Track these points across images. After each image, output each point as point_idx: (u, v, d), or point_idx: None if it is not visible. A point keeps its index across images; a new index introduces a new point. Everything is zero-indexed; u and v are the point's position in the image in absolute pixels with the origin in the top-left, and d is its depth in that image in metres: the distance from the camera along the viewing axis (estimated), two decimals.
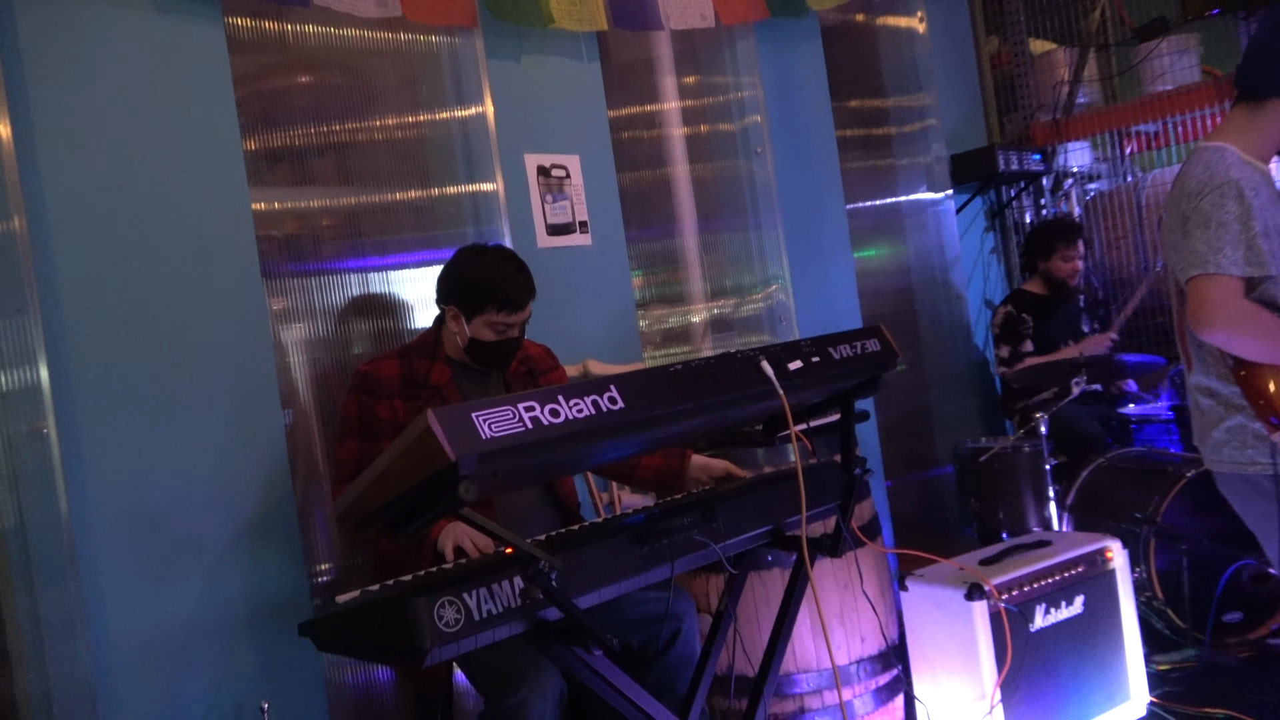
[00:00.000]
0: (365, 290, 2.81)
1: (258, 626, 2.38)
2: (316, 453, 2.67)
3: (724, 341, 3.75)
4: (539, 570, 1.53)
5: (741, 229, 3.82)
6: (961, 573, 2.62)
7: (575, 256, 3.16)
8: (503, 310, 2.23)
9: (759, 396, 1.87)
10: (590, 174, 3.22)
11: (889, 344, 2.12)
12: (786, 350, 1.92)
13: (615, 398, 1.61)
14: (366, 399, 2.25)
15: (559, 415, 1.53)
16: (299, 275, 2.70)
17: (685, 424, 1.80)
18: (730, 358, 1.84)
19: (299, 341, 2.67)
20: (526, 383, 2.42)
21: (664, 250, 3.65)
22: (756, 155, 3.78)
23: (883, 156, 4.65)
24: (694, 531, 1.89)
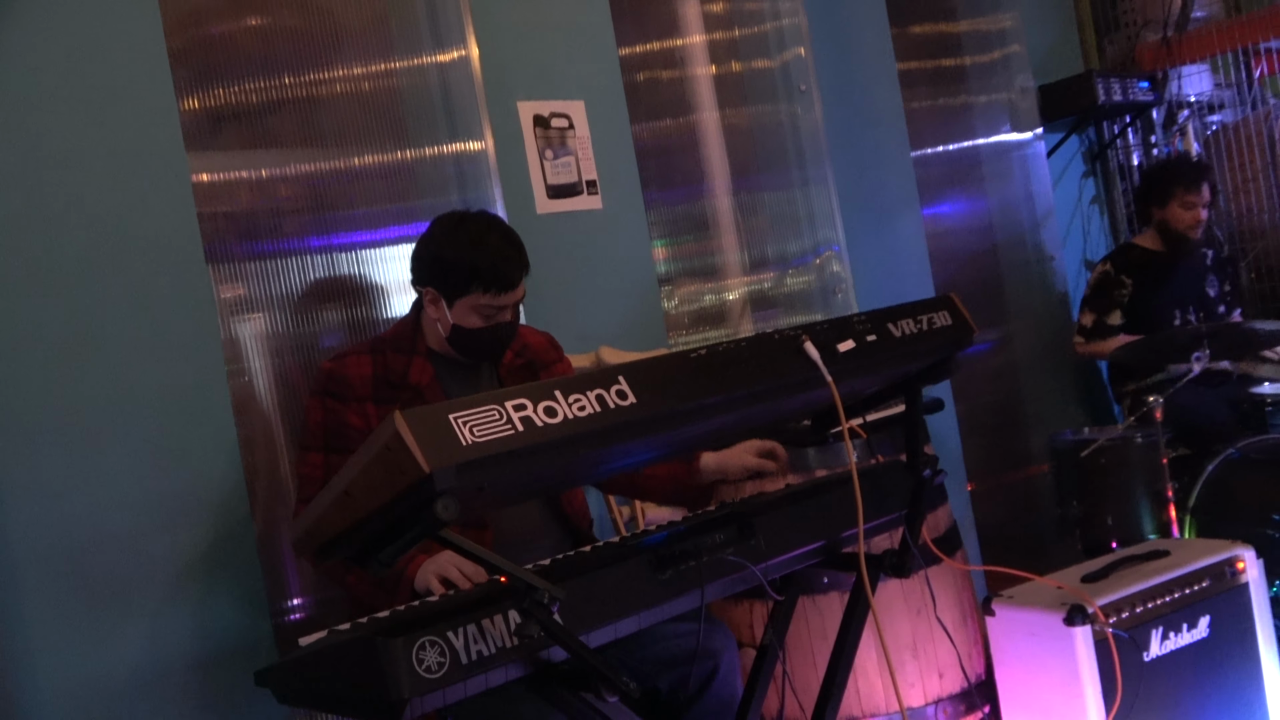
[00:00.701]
0: (333, 273, 2.81)
1: (210, 677, 2.39)
2: (281, 469, 2.68)
3: (767, 322, 3.73)
4: (537, 602, 1.52)
5: (785, 186, 3.78)
6: (1060, 592, 2.58)
7: (583, 223, 3.14)
8: (490, 290, 2.20)
9: (803, 385, 1.85)
10: (599, 124, 3.19)
11: (962, 316, 2.09)
12: (835, 328, 1.89)
13: (625, 392, 1.58)
14: (333, 403, 2.24)
15: (556, 415, 1.51)
16: (253, 258, 2.70)
17: (712, 422, 1.78)
18: (766, 339, 1.81)
19: (256, 337, 2.67)
20: (525, 378, 2.40)
21: (691, 214, 3.62)
22: (800, 95, 3.74)
23: (955, 92, 4.59)
24: (728, 550, 1.86)
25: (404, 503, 1.43)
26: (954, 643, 2.57)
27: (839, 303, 3.71)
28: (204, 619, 2.39)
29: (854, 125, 3.89)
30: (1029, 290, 4.66)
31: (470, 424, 1.44)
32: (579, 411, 1.53)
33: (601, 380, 1.58)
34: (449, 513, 1.42)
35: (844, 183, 3.78)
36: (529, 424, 1.48)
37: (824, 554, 2.08)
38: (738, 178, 3.70)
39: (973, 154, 4.62)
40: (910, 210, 4.05)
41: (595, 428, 1.54)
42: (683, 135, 3.64)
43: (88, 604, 2.26)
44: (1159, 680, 2.54)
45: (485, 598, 1.66)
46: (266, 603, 2.49)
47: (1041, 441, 4.45)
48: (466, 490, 1.45)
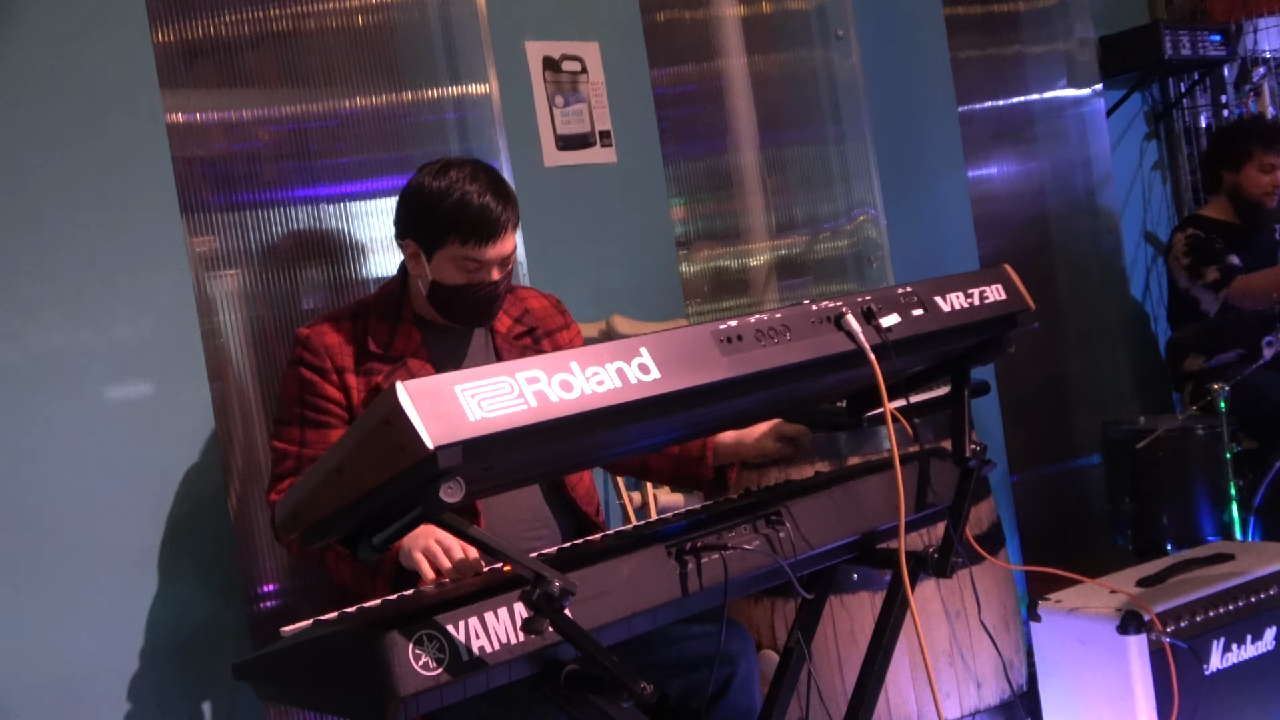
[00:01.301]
0: (317, 227, 2.80)
1: (179, 667, 2.39)
2: (256, 438, 2.68)
3: (794, 292, 3.72)
4: (547, 594, 1.52)
5: (818, 141, 3.76)
6: (1113, 597, 2.59)
7: (595, 178, 3.12)
8: (470, 241, 2.17)
9: (841, 363, 1.84)
10: (614, 68, 3.17)
11: (1018, 291, 2.09)
12: (879, 300, 1.89)
13: (648, 365, 1.58)
14: (309, 374, 2.24)
15: (572, 390, 1.51)
16: (230, 208, 2.69)
17: (741, 401, 1.78)
18: (802, 311, 1.81)
19: (231, 295, 2.67)
20: (526, 349, 2.39)
21: (713, 170, 3.61)
22: (837, 40, 3.72)
23: (1007, 42, 4.57)
24: (754, 542, 1.87)
25: (403, 482, 1.43)
26: (998, 649, 2.58)
27: (874, 272, 3.71)
28: (172, 601, 2.40)
29: (895, 76, 3.87)
30: (1083, 263, 4.65)
31: (478, 397, 1.44)
32: (597, 386, 1.53)
33: (622, 352, 1.57)
34: (454, 495, 1.42)
35: (882, 139, 3.76)
36: (542, 399, 1.48)
37: (857, 549, 2.09)
38: (765, 131, 3.68)
39: (1024, 111, 4.60)
40: (955, 172, 4.03)
41: (615, 405, 1.54)
42: (706, 83, 3.62)
43: (45, 582, 2.26)
44: (1219, 695, 2.55)
45: (487, 589, 1.66)
46: (240, 586, 2.50)
47: (1091, 430, 4.45)
48: (471, 470, 1.45)
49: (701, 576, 1.80)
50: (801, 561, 1.94)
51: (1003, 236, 4.40)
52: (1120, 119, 4.77)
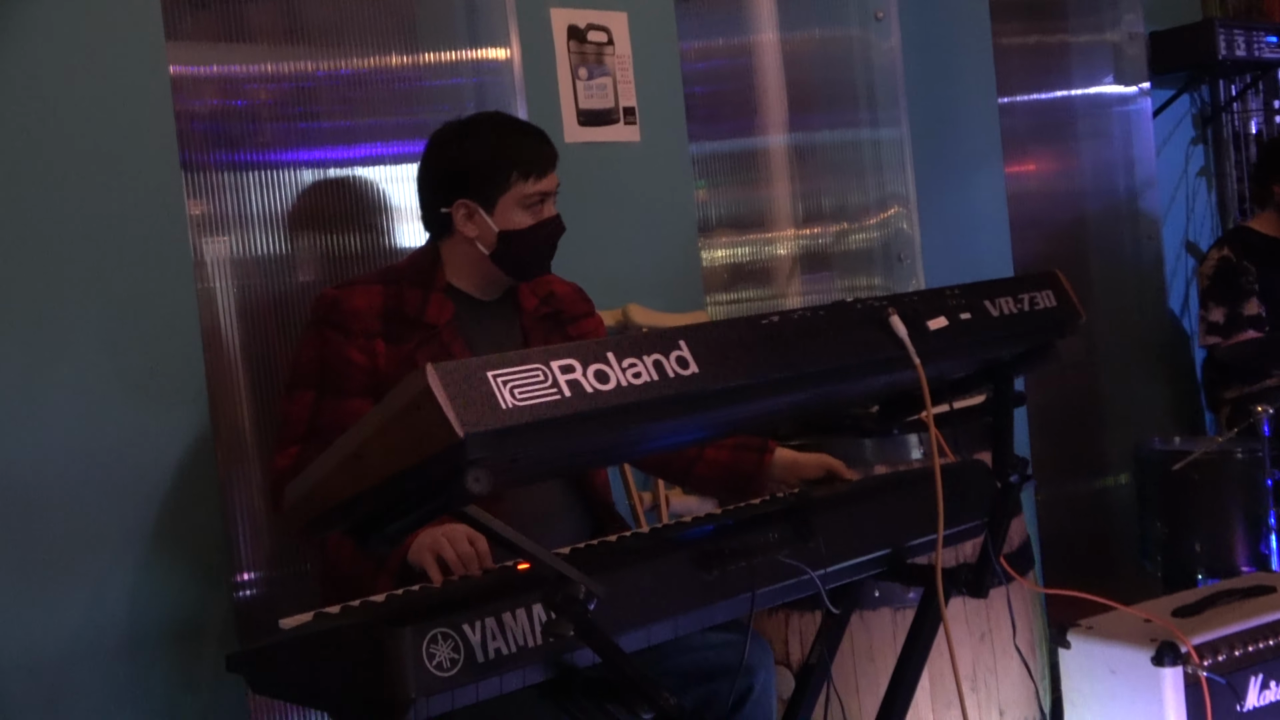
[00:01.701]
0: (319, 192, 2.80)
1: (161, 654, 2.40)
2: (242, 416, 2.68)
3: (817, 285, 3.73)
4: (571, 597, 1.52)
5: (850, 126, 3.77)
6: (1148, 625, 2.60)
7: (617, 157, 3.13)
8: (531, 174, 2.28)
9: (882, 365, 1.85)
10: (642, 41, 3.18)
11: (1068, 298, 2.10)
12: (926, 302, 1.90)
13: (686, 359, 1.59)
14: (334, 335, 2.25)
15: (608, 381, 1.51)
16: (226, 168, 2.69)
17: (780, 400, 1.78)
18: (846, 309, 1.82)
19: (221, 261, 2.67)
20: (550, 330, 2.41)
21: (738, 153, 3.62)
22: (877, 22, 3.72)
23: (1052, 30, 4.58)
24: (783, 551, 1.88)
25: (427, 471, 1.44)
26: (1032, 675, 2.59)
27: (903, 270, 3.72)
28: (157, 585, 2.40)
29: (935, 61, 3.87)
30: (1120, 272, 4.66)
31: (511, 385, 1.44)
32: (634, 379, 1.54)
33: (660, 344, 1.58)
34: (480, 486, 1.42)
35: (919, 129, 3.77)
36: (577, 389, 1.49)
37: (887, 564, 2.10)
38: (796, 114, 3.69)
39: (1066, 106, 4.62)
40: (992, 167, 4.04)
41: (651, 399, 1.54)
42: (735, 59, 3.62)
43: (26, 561, 2.27)
44: None
45: (503, 587, 1.67)
46: (226, 572, 2.51)
47: (1121, 448, 4.47)
48: (499, 461, 1.46)
49: (727, 585, 1.81)
50: (830, 574, 1.95)
51: (1038, 238, 4.41)
52: (1167, 120, 4.78)
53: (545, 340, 2.39)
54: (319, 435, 2.22)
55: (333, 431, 2.20)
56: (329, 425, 2.21)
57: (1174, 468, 3.70)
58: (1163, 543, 3.84)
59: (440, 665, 1.52)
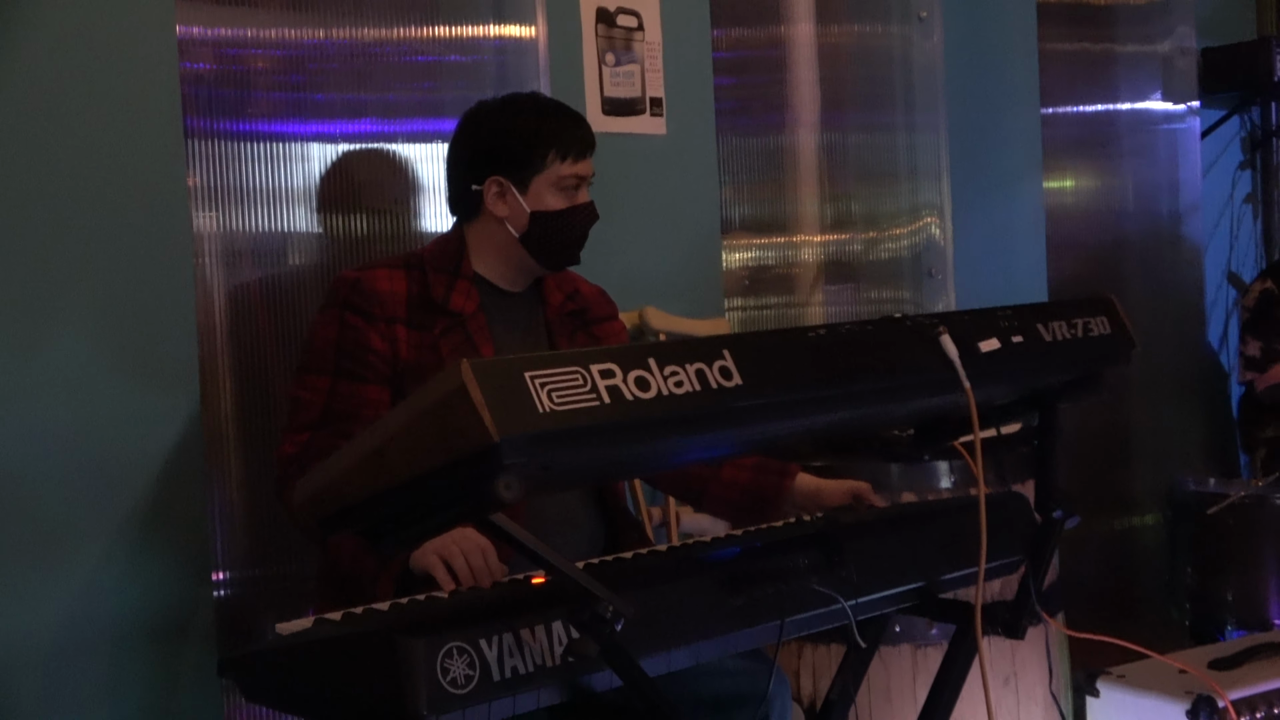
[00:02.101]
0: (323, 170, 2.81)
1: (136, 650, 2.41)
2: (224, 404, 2.68)
3: (842, 296, 3.74)
4: (599, 616, 1.53)
5: (886, 128, 3.79)
6: (1183, 677, 2.61)
7: (641, 150, 3.14)
8: (569, 155, 2.31)
9: (930, 387, 1.87)
10: (674, 29, 3.19)
11: (1123, 326, 2.12)
12: (978, 322, 1.91)
13: (730, 370, 1.60)
14: (354, 318, 2.26)
15: (649, 388, 1.52)
16: (227, 137, 2.69)
17: (821, 419, 1.79)
18: (895, 325, 1.83)
19: (212, 237, 2.67)
20: (575, 329, 2.44)
21: (765, 150, 3.63)
22: (919, 21, 3.74)
23: (1098, 37, 4.60)
24: (814, 578, 1.88)
25: (455, 474, 1.44)
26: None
27: (934, 285, 3.74)
28: (136, 579, 2.41)
29: (978, 65, 3.89)
30: (1158, 299, 4.68)
31: (549, 387, 1.45)
32: (675, 388, 1.54)
33: (703, 353, 1.59)
34: (512, 493, 1.42)
35: (957, 135, 3.79)
36: (616, 396, 1.49)
37: (919, 597, 2.10)
38: (829, 111, 3.70)
39: (1110, 120, 4.63)
40: (1031, 180, 4.06)
41: (691, 410, 1.55)
42: (767, 50, 3.64)
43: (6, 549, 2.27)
44: None
45: (520, 601, 1.67)
46: (210, 568, 2.51)
47: (1150, 486, 4.49)
48: (531, 468, 1.46)
49: (755, 611, 1.82)
50: (861, 605, 1.96)
51: (1074, 259, 4.43)
52: (1215, 142, 4.80)
53: (570, 339, 2.41)
54: (332, 421, 2.22)
55: (347, 419, 2.22)
56: (344, 412, 2.22)
57: (1208, 511, 3.72)
58: (1192, 590, 3.86)
59: (455, 682, 1.53)
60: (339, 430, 2.22)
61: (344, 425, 2.22)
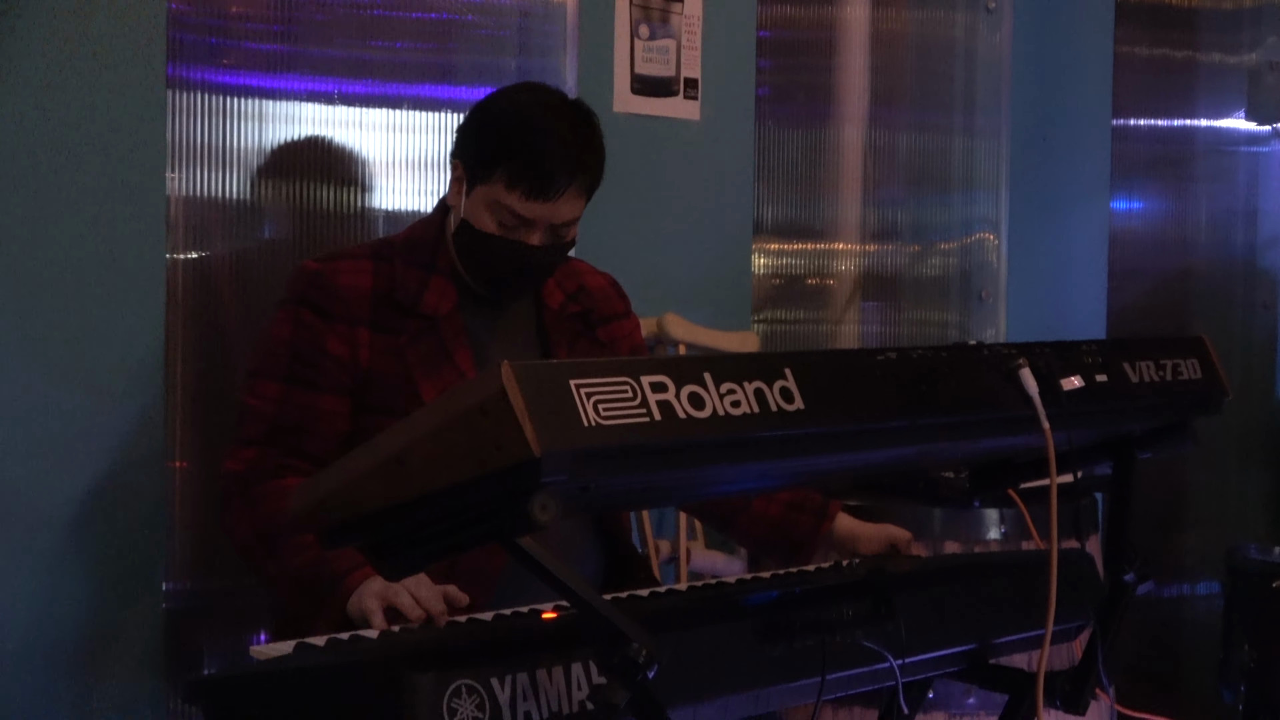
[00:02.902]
0: (313, 136, 2.82)
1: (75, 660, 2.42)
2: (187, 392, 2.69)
3: (880, 315, 3.76)
4: (630, 660, 1.53)
5: (941, 130, 3.81)
6: None
7: (672, 136, 3.15)
8: (517, 186, 2.21)
9: (1003, 425, 1.89)
10: (716, 3, 3.21)
11: (1215, 372, 2.15)
12: (1060, 356, 1.93)
13: (791, 392, 1.61)
14: (311, 318, 2.26)
15: (703, 406, 1.53)
16: (202, 88, 2.69)
17: (884, 454, 1.81)
18: (971, 354, 1.85)
19: (177, 202, 2.67)
20: (577, 333, 2.43)
21: (805, 145, 3.65)
22: (988, 12, 3.76)
23: (1179, 44, 4.62)
24: (860, 632, 1.89)
25: (485, 489, 1.45)
26: None
27: (984, 310, 3.76)
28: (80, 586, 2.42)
29: (1048, 64, 3.92)
30: (1226, 341, 4.69)
31: (596, 399, 1.46)
32: (732, 408, 1.55)
33: (762, 371, 1.60)
34: (547, 514, 1.43)
35: (1020, 143, 3.81)
36: (668, 413, 1.50)
37: (969, 661, 2.12)
38: (879, 106, 3.72)
39: (1185, 137, 4.65)
40: (1097, 200, 4.09)
41: (749, 435, 1.56)
42: (814, 31, 3.66)
43: None
44: None
45: (534, 637, 1.68)
46: (161, 577, 2.52)
47: (1206, 552, 4.50)
48: (571, 488, 1.47)
49: (794, 665, 1.82)
50: (909, 665, 1.97)
51: (1136, 290, 4.45)
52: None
53: (570, 345, 2.40)
54: (282, 436, 2.22)
55: (299, 433, 2.22)
56: (295, 425, 2.23)
57: (1273, 585, 3.74)
58: (1249, 670, 3.87)
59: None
60: (290, 447, 2.22)
61: (295, 441, 2.22)
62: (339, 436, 2.24)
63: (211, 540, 2.68)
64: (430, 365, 2.26)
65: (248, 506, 2.19)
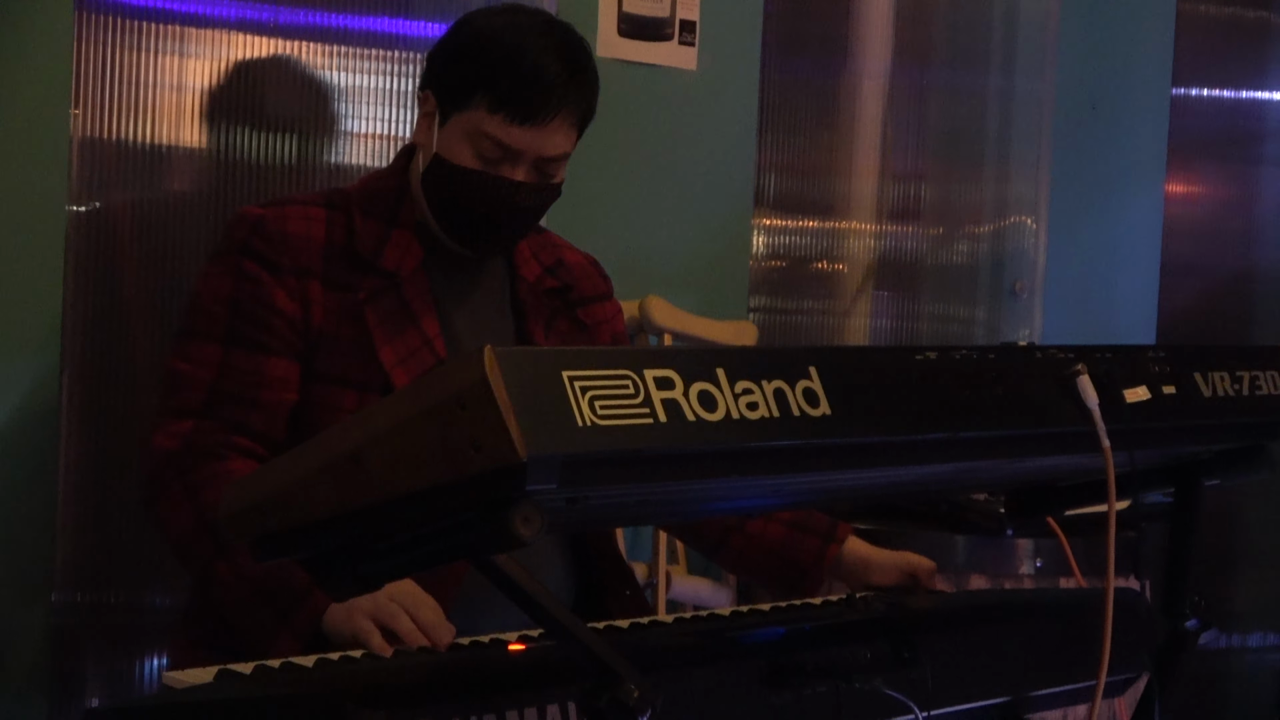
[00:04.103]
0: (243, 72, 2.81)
1: None
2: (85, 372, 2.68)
3: (893, 307, 3.77)
4: (621, 702, 1.53)
5: (975, 93, 3.82)
6: None
7: (663, 87, 3.16)
8: (501, 110, 2.23)
9: (1054, 443, 1.89)
10: None
11: None
12: (1124, 363, 1.93)
13: (816, 394, 1.61)
14: (255, 268, 2.26)
15: (715, 408, 1.52)
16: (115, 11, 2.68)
17: (915, 470, 1.81)
18: (1022, 356, 1.85)
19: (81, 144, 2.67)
20: (555, 311, 2.45)
21: (814, 106, 3.65)
22: None
23: (1252, 2, 4.63)
24: (879, 679, 1.90)
25: (458, 497, 1.44)
26: None
27: (1017, 306, 3.77)
28: None
29: (1102, 21, 3.94)
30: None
31: (592, 394, 1.45)
32: (748, 410, 1.55)
33: (784, 368, 1.60)
34: (530, 528, 1.42)
35: (1065, 111, 3.83)
36: (675, 413, 1.49)
37: (1001, 716, 2.13)
38: (902, 61, 3.73)
39: (1254, 112, 4.67)
40: (1151, 182, 4.11)
41: (765, 441, 1.56)
42: None
43: None
44: None
45: (502, 672, 1.68)
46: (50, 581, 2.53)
47: (1261, 599, 4.53)
48: (558, 499, 1.47)
49: (804, 715, 1.83)
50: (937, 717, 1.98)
51: (1191, 290, 4.47)
52: None
53: (547, 325, 2.42)
54: (223, 405, 2.21)
55: (243, 402, 2.22)
56: (238, 393, 2.22)
57: None
58: None
59: None
60: (231, 420, 2.21)
61: (239, 411, 2.22)
62: (287, 408, 2.24)
63: (107, 544, 2.68)
64: (391, 327, 2.27)
65: (187, 493, 2.17)
